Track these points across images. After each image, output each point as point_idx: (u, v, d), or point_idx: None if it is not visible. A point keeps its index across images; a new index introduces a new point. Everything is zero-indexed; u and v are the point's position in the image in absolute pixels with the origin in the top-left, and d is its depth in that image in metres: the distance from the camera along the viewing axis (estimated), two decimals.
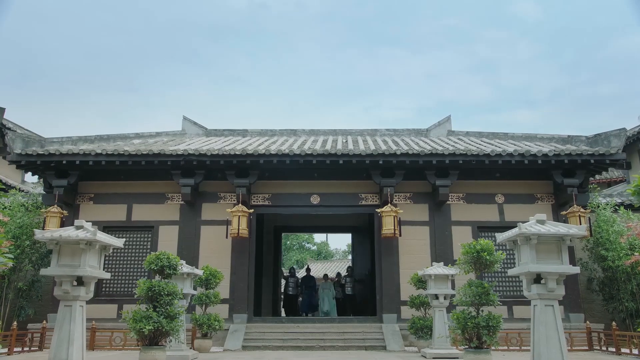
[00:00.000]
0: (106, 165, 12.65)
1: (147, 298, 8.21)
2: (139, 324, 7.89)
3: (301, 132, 15.46)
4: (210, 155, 12.55)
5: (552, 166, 12.60)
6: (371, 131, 15.36)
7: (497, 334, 7.68)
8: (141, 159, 12.53)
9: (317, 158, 12.55)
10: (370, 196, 13.51)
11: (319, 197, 13.50)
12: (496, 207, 13.33)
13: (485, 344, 7.67)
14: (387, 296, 12.79)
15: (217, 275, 11.52)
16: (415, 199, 13.43)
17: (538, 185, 13.41)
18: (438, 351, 9.86)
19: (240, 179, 12.96)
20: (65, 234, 6.21)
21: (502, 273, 12.54)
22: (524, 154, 12.38)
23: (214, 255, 13.00)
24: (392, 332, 12.10)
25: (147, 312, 8.06)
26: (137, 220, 13.34)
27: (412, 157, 12.52)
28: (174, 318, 8.21)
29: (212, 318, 11.15)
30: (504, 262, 10.59)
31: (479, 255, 7.77)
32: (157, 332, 8.08)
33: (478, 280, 7.86)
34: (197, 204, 13.39)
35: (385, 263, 13.01)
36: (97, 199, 13.45)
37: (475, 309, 7.86)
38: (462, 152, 12.49)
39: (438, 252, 12.94)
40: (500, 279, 12.86)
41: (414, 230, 13.17)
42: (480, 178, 13.40)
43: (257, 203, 13.47)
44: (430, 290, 10.26)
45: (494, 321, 7.63)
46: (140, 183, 13.51)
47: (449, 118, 15.30)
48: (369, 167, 12.89)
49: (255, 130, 15.59)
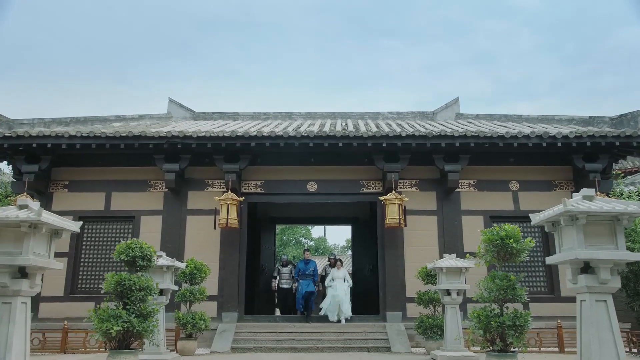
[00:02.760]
0: (81, 149, 11.46)
1: (116, 294, 7.04)
2: (106, 324, 6.73)
3: (297, 115, 14.30)
4: (196, 137, 11.37)
5: (572, 150, 11.47)
6: (373, 114, 14.21)
7: (525, 335, 6.54)
8: (120, 141, 11.35)
9: (314, 141, 11.39)
10: (372, 183, 12.35)
11: (316, 185, 12.33)
12: (510, 195, 12.20)
13: (511, 347, 6.53)
14: (391, 292, 11.65)
15: (202, 269, 10.38)
16: (421, 186, 12.28)
17: (556, 171, 12.27)
18: (451, 354, 8.74)
19: (230, 164, 11.79)
20: (3, 215, 5.04)
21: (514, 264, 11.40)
22: (542, 136, 11.25)
23: (201, 247, 11.84)
24: (397, 331, 10.97)
25: (116, 310, 6.90)
26: (116, 209, 12.16)
27: (419, 139, 11.38)
28: (147, 317, 7.05)
29: (197, 317, 10.01)
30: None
31: (504, 242, 6.62)
32: (127, 334, 6.91)
33: (503, 272, 6.71)
34: (182, 191, 12.22)
35: (389, 256, 11.86)
36: (73, 186, 12.25)
37: (498, 305, 6.72)
38: (473, 134, 11.35)
39: (447, 244, 11.79)
40: (512, 270, 11.68)
41: (421, 220, 12.03)
42: (493, 163, 12.26)
43: (248, 191, 12.30)
44: (442, 285, 9.13)
45: (521, 320, 6.50)
46: (119, 169, 12.31)
47: (457, 100, 14.14)
48: (371, 151, 11.74)
49: (247, 114, 14.41)
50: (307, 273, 12.44)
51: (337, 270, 12.43)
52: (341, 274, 12.34)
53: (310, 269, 12.54)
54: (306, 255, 13.24)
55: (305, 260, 12.84)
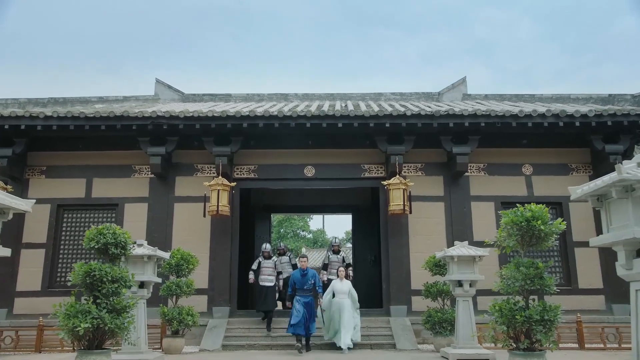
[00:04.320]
0: (58, 131, 10.53)
1: (85, 286, 6.16)
2: (73, 321, 5.85)
3: (293, 96, 13.39)
4: (183, 117, 10.46)
5: (591, 130, 10.58)
6: (375, 95, 13.30)
7: (554, 331, 5.68)
8: (101, 122, 10.43)
9: (312, 121, 10.50)
10: (374, 167, 11.45)
11: (314, 169, 11.43)
12: (523, 179, 11.31)
13: (538, 344, 5.67)
14: (395, 285, 10.78)
15: (190, 260, 9.49)
16: (427, 170, 11.40)
17: (573, 154, 11.39)
18: (463, 351, 7.89)
19: (221, 147, 10.89)
20: None
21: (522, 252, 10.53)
22: (558, 115, 10.36)
23: (190, 237, 10.95)
24: (402, 327, 10.13)
25: (85, 305, 6.02)
26: (98, 197, 11.24)
27: (425, 119, 10.49)
28: (121, 312, 6.17)
29: (184, 312, 9.13)
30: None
31: (529, 225, 5.74)
32: (98, 332, 6.03)
33: (528, 259, 5.83)
34: (169, 177, 11.31)
35: (393, 246, 10.99)
36: (50, 172, 11.33)
37: (523, 297, 5.85)
38: (484, 113, 10.46)
39: (455, 232, 10.92)
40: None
41: (427, 207, 11.15)
42: (505, 145, 11.37)
43: (240, 176, 11.39)
44: (452, 276, 8.26)
45: (550, 313, 5.64)
46: (101, 153, 11.39)
47: (464, 80, 13.23)
48: (373, 132, 10.84)
49: (240, 95, 13.49)
50: (306, 288, 9.23)
51: (340, 283, 9.52)
52: (345, 287, 9.49)
53: (309, 282, 9.25)
54: (302, 263, 9.58)
55: (302, 271, 9.39)
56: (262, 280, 10.42)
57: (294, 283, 9.33)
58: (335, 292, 9.42)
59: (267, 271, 10.51)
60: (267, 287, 10.30)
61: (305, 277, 9.31)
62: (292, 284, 9.37)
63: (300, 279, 9.32)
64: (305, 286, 9.26)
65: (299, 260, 9.95)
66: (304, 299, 9.20)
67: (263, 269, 10.55)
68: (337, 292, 9.41)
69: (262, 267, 10.58)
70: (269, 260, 10.69)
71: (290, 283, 9.48)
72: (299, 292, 9.25)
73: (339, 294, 9.37)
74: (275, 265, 10.69)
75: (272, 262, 10.70)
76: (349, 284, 9.66)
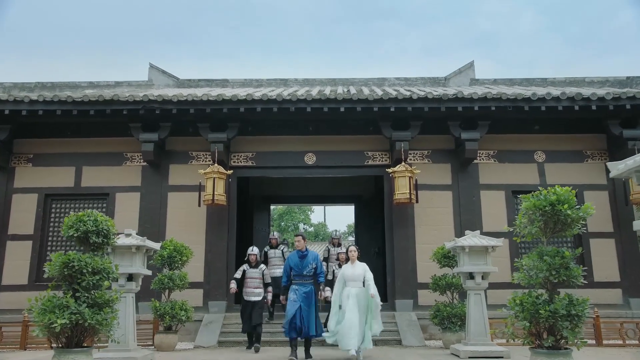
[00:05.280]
0: (45, 116, 9.97)
1: (64, 279, 5.61)
2: (49, 316, 5.30)
3: (293, 81, 12.79)
4: (177, 102, 9.89)
5: (608, 114, 9.99)
6: (378, 80, 12.69)
7: (582, 328, 5.13)
8: (90, 107, 9.86)
9: (312, 105, 9.93)
10: (378, 154, 10.88)
11: (315, 156, 10.86)
12: (535, 167, 10.74)
13: (564, 342, 5.12)
14: (400, 278, 10.24)
15: (183, 252, 8.95)
16: (434, 157, 10.82)
17: (588, 140, 10.80)
18: (476, 348, 7.36)
19: (216, 134, 10.32)
20: None
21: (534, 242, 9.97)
22: (574, 98, 9.77)
23: (184, 228, 10.41)
24: (408, 322, 9.60)
25: (64, 299, 5.47)
26: (87, 186, 10.69)
27: (433, 102, 9.91)
28: (103, 307, 5.62)
29: (177, 306, 8.60)
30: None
31: (554, 209, 5.17)
32: (78, 328, 5.48)
33: (553, 247, 5.26)
34: (163, 165, 10.75)
35: (398, 237, 10.44)
36: (38, 160, 10.76)
37: (547, 290, 5.29)
38: (494, 96, 9.88)
39: (463, 222, 10.37)
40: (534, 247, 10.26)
41: (434, 196, 10.59)
42: (516, 131, 10.80)
43: (237, 164, 10.83)
44: (463, 268, 7.71)
45: (577, 308, 5.08)
46: (91, 140, 10.83)
47: (471, 64, 12.62)
48: (377, 118, 10.27)
49: (237, 80, 12.89)
50: (305, 273, 7.33)
51: (351, 267, 7.33)
52: (358, 270, 7.25)
53: (309, 266, 7.35)
54: (298, 243, 7.48)
55: (299, 253, 7.43)
56: (246, 294, 8.56)
57: (290, 269, 7.45)
58: (346, 278, 7.31)
59: (253, 283, 8.61)
60: (253, 302, 8.49)
61: (304, 260, 7.37)
62: (288, 269, 7.50)
63: (298, 263, 7.37)
64: (304, 271, 7.33)
65: (295, 239, 7.66)
66: (303, 287, 7.25)
67: (248, 280, 8.61)
68: (348, 279, 7.28)
69: (248, 277, 8.64)
70: (256, 270, 8.72)
71: (285, 269, 7.63)
72: (297, 279, 7.35)
73: (350, 282, 7.25)
74: (263, 275, 8.76)
75: (259, 272, 8.73)
76: (363, 267, 7.30)
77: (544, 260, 5.12)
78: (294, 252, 7.62)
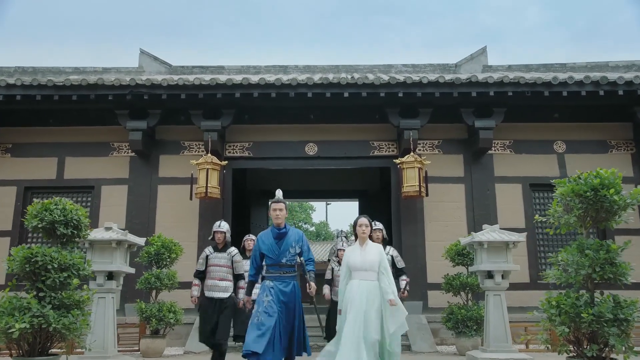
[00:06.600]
0: (24, 102, 9.23)
1: (25, 276, 4.85)
2: (6, 320, 4.54)
3: (293, 68, 12.00)
4: (167, 86, 9.15)
5: (635, 100, 9.22)
6: (384, 67, 11.89)
7: (631, 334, 4.35)
8: (72, 92, 9.12)
9: (314, 90, 9.19)
10: (385, 144, 10.11)
11: (317, 147, 10.09)
12: (555, 158, 9.96)
13: (609, 351, 4.34)
14: (409, 278, 9.40)
15: (172, 248, 8.18)
16: (445, 147, 10.05)
17: (612, 129, 10.02)
18: (496, 355, 6.58)
19: (210, 121, 9.57)
20: None
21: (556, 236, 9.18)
22: (598, 82, 9.01)
23: (176, 223, 9.66)
24: (418, 325, 8.82)
25: (25, 299, 4.72)
26: (71, 178, 9.93)
27: (444, 87, 9.16)
28: (71, 309, 4.86)
29: (164, 308, 7.83)
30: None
31: (597, 195, 4.39)
32: (41, 333, 4.72)
33: (596, 240, 4.48)
34: (152, 156, 9.99)
35: (406, 233, 9.67)
36: (17, 150, 10.01)
37: (588, 291, 4.51)
38: (512, 80, 9.12)
39: (477, 217, 9.59)
40: (554, 244, 9.48)
41: (445, 190, 9.81)
42: (534, 120, 10.03)
43: (233, 154, 10.07)
44: (481, 266, 6.93)
45: (625, 311, 4.30)
46: (75, 129, 10.08)
47: (484, 50, 11.78)
48: (384, 104, 9.51)
49: (234, 67, 12.10)
50: (285, 262, 4.84)
51: (359, 249, 4.84)
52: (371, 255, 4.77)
53: (289, 251, 4.85)
54: (276, 212, 4.90)
55: (275, 230, 4.91)
56: (208, 287, 6.12)
57: (259, 255, 4.94)
58: (352, 267, 4.82)
59: (219, 273, 6.12)
60: (217, 300, 5.99)
61: (283, 241, 4.86)
62: (256, 256, 4.95)
63: (274, 245, 4.85)
64: (283, 258, 4.83)
65: (270, 207, 5.02)
66: (280, 284, 4.76)
67: (211, 269, 6.14)
68: (354, 267, 4.80)
69: (211, 264, 6.17)
70: (223, 254, 6.20)
71: (253, 256, 4.99)
72: (272, 270, 4.86)
73: (356, 272, 4.77)
74: (233, 262, 6.23)
75: (227, 257, 6.19)
76: (378, 251, 4.84)
77: (586, 254, 4.34)
78: (267, 231, 5.01)
